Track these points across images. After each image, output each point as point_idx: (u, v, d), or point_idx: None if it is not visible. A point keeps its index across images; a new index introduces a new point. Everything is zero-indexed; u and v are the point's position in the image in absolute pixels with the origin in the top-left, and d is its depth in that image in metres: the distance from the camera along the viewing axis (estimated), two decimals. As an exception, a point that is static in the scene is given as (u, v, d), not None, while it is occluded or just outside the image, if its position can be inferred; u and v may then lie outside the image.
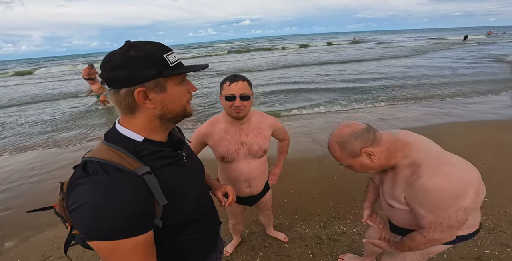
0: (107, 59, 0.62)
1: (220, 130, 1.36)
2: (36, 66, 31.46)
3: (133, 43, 0.63)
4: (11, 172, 3.91)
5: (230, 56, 24.75)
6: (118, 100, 0.64)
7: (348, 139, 0.94)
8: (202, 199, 0.87)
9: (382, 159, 0.96)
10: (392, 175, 1.03)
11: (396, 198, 1.02)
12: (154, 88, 0.64)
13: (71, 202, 0.57)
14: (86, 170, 0.59)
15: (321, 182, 3.00)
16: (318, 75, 10.68)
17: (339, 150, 0.97)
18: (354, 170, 1.05)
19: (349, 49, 24.23)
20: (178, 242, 0.79)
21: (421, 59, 14.19)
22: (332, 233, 2.23)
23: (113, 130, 0.69)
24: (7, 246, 2.37)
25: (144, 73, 0.61)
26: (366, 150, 0.93)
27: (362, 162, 0.97)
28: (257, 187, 1.54)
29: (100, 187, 0.56)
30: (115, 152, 0.63)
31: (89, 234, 0.56)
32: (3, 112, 8.25)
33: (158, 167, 0.68)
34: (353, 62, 14.65)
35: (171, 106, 0.69)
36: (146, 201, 0.61)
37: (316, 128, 4.80)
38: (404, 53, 17.47)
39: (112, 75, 0.61)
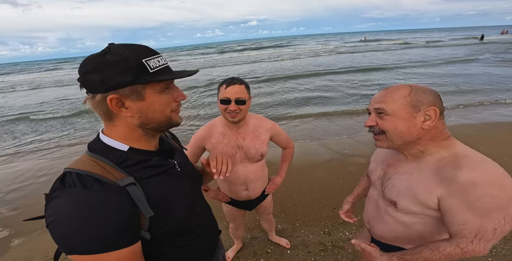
0: (83, 62, 0.59)
1: (218, 133, 1.34)
2: (57, 67, 32.79)
3: (114, 46, 0.59)
4: (21, 172, 4.00)
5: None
6: (94, 105, 0.61)
7: (426, 91, 0.77)
8: (196, 209, 0.83)
9: (430, 133, 0.78)
10: (416, 165, 0.82)
11: (417, 197, 0.79)
12: (130, 95, 0.59)
13: (47, 215, 0.55)
14: (63, 182, 0.57)
15: (327, 186, 2.92)
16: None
17: (405, 93, 0.77)
18: (380, 130, 0.83)
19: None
20: (170, 254, 0.75)
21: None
22: (336, 240, 2.15)
23: (97, 139, 0.66)
24: (13, 246, 2.40)
25: (118, 79, 0.57)
26: (434, 109, 0.75)
27: (412, 120, 0.77)
28: (254, 191, 1.51)
29: (75, 201, 0.54)
30: (97, 163, 0.60)
31: (67, 249, 0.54)
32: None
33: (144, 177, 0.64)
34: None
35: (151, 115, 0.64)
36: (129, 213, 0.58)
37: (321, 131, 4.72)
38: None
39: (85, 79, 0.58)
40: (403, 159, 0.87)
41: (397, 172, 0.87)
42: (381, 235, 0.97)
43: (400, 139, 0.79)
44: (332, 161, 3.50)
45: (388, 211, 0.90)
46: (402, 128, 0.78)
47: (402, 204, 0.83)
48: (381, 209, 0.94)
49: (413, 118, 0.76)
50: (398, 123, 0.78)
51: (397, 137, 0.80)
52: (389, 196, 0.88)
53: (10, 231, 2.62)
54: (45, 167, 4.11)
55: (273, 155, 2.91)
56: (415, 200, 0.79)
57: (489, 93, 6.57)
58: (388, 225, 0.92)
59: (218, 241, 1.00)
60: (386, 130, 0.80)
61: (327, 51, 23.64)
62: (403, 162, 0.86)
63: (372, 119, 0.83)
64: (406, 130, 0.78)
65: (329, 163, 3.45)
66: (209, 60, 24.39)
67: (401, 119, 0.77)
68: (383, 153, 1.02)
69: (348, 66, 12.92)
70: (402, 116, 0.77)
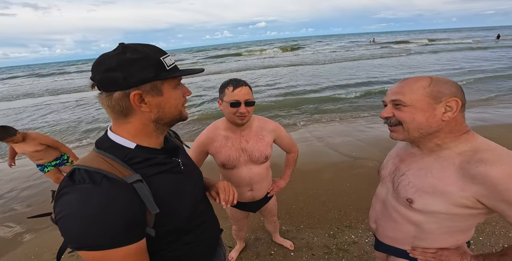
0: (100, 61, 0.59)
1: (221, 137, 1.33)
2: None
3: (128, 45, 0.61)
4: (36, 170, 4.14)
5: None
6: (112, 104, 0.61)
7: (448, 82, 0.74)
8: (199, 207, 0.84)
9: (449, 125, 0.75)
10: (434, 160, 0.77)
11: (446, 196, 0.73)
12: (150, 91, 0.62)
13: (57, 211, 0.56)
14: (72, 179, 0.57)
15: (333, 189, 2.87)
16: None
17: (425, 84, 0.75)
18: (396, 121, 0.80)
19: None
20: (173, 251, 0.76)
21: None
22: (341, 243, 2.11)
23: (105, 137, 0.67)
24: (24, 241, 2.48)
25: (140, 75, 0.59)
26: (456, 100, 0.72)
27: (431, 111, 0.74)
28: (259, 191, 1.50)
29: (85, 197, 0.54)
30: (105, 160, 0.61)
31: (76, 244, 0.55)
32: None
33: (151, 175, 0.66)
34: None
35: (167, 110, 0.67)
36: (136, 210, 0.59)
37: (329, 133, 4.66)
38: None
39: (106, 77, 0.58)
40: (417, 154, 0.82)
41: (412, 168, 0.82)
42: (386, 234, 0.92)
43: (418, 130, 0.76)
44: (339, 163, 3.44)
45: (398, 210, 0.85)
46: (420, 119, 0.75)
47: (420, 202, 0.78)
48: (390, 207, 0.89)
49: (432, 109, 0.73)
50: (416, 114, 0.75)
51: (414, 128, 0.77)
52: (403, 193, 0.82)
53: (22, 227, 2.71)
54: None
55: (277, 155, 2.89)
56: (442, 198, 0.74)
57: None
58: (398, 225, 0.87)
59: (220, 239, 1.01)
60: (403, 121, 0.77)
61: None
62: (417, 157, 0.82)
63: (389, 110, 0.80)
64: (425, 121, 0.75)
65: (336, 165, 3.40)
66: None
67: (420, 110, 0.74)
68: (396, 148, 0.99)
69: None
70: (421, 107, 0.74)
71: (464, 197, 0.70)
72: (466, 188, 0.69)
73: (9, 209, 3.09)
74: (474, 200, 0.69)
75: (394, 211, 0.87)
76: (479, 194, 0.68)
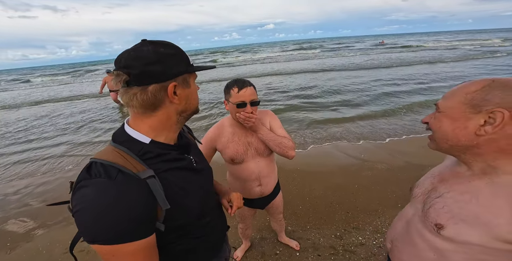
0: (137, 55, 0.61)
1: (228, 133, 1.37)
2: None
3: (153, 41, 0.65)
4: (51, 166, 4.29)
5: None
6: (146, 96, 0.63)
7: (494, 87, 0.58)
8: (209, 204, 0.86)
9: (497, 143, 0.59)
10: (485, 185, 0.63)
11: (490, 228, 0.60)
12: (181, 83, 0.67)
13: (73, 204, 0.57)
14: (89, 172, 0.59)
15: (341, 190, 2.84)
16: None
17: (472, 89, 0.62)
18: (430, 129, 0.72)
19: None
20: (181, 246, 0.77)
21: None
22: (348, 244, 2.08)
23: (121, 130, 0.69)
24: (37, 236, 2.56)
25: (176, 68, 0.65)
26: (502, 111, 0.56)
27: (463, 121, 0.62)
28: (267, 186, 1.51)
29: (101, 191, 0.56)
30: (120, 154, 0.63)
31: (90, 238, 0.56)
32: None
33: (163, 171, 0.67)
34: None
35: (192, 101, 0.73)
36: (148, 206, 0.60)
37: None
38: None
39: (146, 71, 0.61)
40: (465, 175, 0.69)
41: (453, 190, 0.69)
42: (401, 258, 0.81)
43: (445, 142, 0.67)
44: (347, 165, 3.40)
45: (422, 234, 0.74)
46: (446, 129, 0.66)
47: (452, 230, 0.66)
48: (413, 229, 0.78)
49: (465, 119, 0.62)
50: (444, 122, 0.66)
51: (440, 138, 0.69)
52: (433, 217, 0.70)
53: (36, 222, 2.80)
54: (72, 162, 4.37)
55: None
56: (483, 230, 0.61)
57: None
58: (417, 250, 0.75)
59: (226, 236, 1.02)
60: (431, 128, 0.71)
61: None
62: (464, 178, 0.68)
63: (429, 116, 0.73)
64: (451, 132, 0.65)
65: (344, 167, 3.36)
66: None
67: (449, 118, 0.65)
68: (442, 165, 0.86)
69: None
70: (452, 115, 0.64)
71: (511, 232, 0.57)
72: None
73: (24, 204, 3.20)
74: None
75: (417, 235, 0.76)
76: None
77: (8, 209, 3.12)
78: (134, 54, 0.62)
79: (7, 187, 3.72)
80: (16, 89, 18.30)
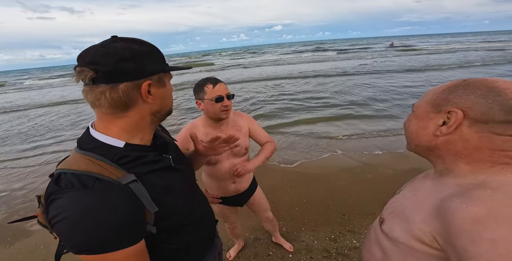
0: (107, 52, 0.57)
1: (201, 133, 1.35)
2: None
3: (125, 38, 0.62)
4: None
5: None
6: (117, 95, 0.58)
7: (475, 87, 0.54)
8: (195, 200, 0.85)
9: (454, 145, 0.56)
10: (432, 185, 0.62)
11: (407, 223, 0.59)
12: (157, 83, 0.64)
13: (51, 216, 0.54)
14: (59, 184, 0.55)
15: (338, 192, 2.81)
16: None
17: (440, 89, 0.60)
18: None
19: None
20: (174, 245, 0.77)
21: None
22: (342, 247, 2.05)
23: (87, 136, 0.64)
24: (35, 231, 2.62)
25: (152, 67, 0.62)
26: (454, 111, 0.54)
27: (426, 121, 0.60)
28: (242, 183, 1.52)
29: (77, 201, 0.52)
30: (92, 161, 0.58)
31: (75, 248, 0.54)
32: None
33: (144, 173, 0.64)
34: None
35: (167, 101, 0.70)
36: (134, 211, 0.58)
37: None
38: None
39: (118, 67, 0.57)
40: (429, 175, 0.68)
41: (408, 188, 0.70)
42: (364, 256, 0.78)
43: (411, 142, 0.65)
44: (348, 167, 3.36)
45: (376, 228, 0.74)
46: (411, 128, 0.64)
47: (387, 224, 0.66)
48: (374, 226, 0.78)
49: (428, 119, 0.60)
50: (411, 122, 0.65)
51: (407, 138, 0.67)
52: (383, 211, 0.72)
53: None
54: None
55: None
56: (403, 225, 0.60)
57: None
58: (370, 244, 0.74)
59: (215, 230, 1.02)
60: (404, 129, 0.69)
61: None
62: (427, 178, 0.67)
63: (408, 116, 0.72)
64: (414, 132, 0.63)
65: (344, 169, 3.32)
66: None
67: (416, 118, 0.63)
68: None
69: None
70: (418, 115, 0.63)
71: (422, 230, 0.55)
72: (427, 220, 0.55)
73: (29, 199, 3.29)
74: (431, 237, 0.54)
75: (373, 230, 0.76)
76: (435, 231, 0.53)
77: (13, 204, 3.22)
78: (104, 50, 0.57)
79: (13, 183, 3.84)
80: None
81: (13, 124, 7.98)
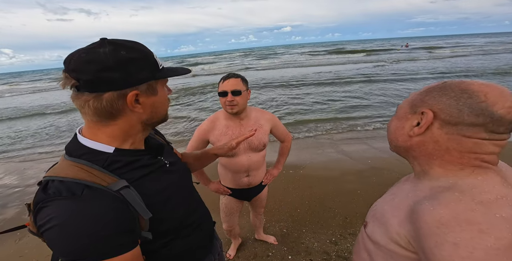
0: (88, 59, 0.53)
1: (221, 126, 1.40)
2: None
3: (115, 41, 0.57)
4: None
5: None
6: (101, 105, 0.56)
7: (450, 89, 0.53)
8: (192, 203, 0.84)
9: (426, 147, 0.56)
10: (409, 188, 0.62)
11: (386, 225, 0.59)
12: (146, 91, 0.60)
13: (39, 224, 0.53)
14: (46, 192, 0.53)
15: (342, 195, 2.77)
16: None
17: (423, 89, 0.60)
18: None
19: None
20: (172, 249, 0.75)
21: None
22: (342, 250, 2.03)
23: (75, 142, 0.61)
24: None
25: (139, 75, 0.58)
26: (425, 111, 0.54)
27: (403, 122, 0.60)
28: (255, 177, 1.55)
29: (66, 210, 0.51)
30: (81, 168, 0.56)
31: (67, 257, 0.52)
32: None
33: (137, 179, 0.62)
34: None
35: (159, 109, 0.66)
36: (125, 218, 0.56)
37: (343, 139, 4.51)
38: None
39: (101, 77, 0.54)
40: (410, 178, 0.68)
41: (390, 191, 0.71)
42: (354, 259, 0.79)
43: (391, 142, 0.66)
44: (353, 170, 3.31)
45: (362, 232, 0.75)
46: (391, 129, 0.65)
47: (370, 227, 0.66)
48: (361, 229, 0.78)
49: (405, 119, 0.60)
50: (392, 122, 0.65)
51: (388, 139, 0.67)
52: (367, 215, 0.73)
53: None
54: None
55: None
56: (383, 229, 0.60)
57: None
58: (359, 247, 0.74)
59: (214, 231, 1.01)
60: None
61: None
62: (407, 181, 0.67)
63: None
64: (393, 132, 0.64)
65: (349, 172, 3.28)
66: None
67: (396, 118, 0.64)
68: None
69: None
70: (398, 115, 0.63)
71: (398, 234, 0.55)
72: (403, 224, 0.55)
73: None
74: (406, 241, 0.54)
75: (360, 233, 0.76)
76: (409, 234, 0.53)
77: (26, 200, 3.35)
78: (86, 57, 0.53)
79: (28, 179, 3.99)
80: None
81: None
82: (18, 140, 6.42)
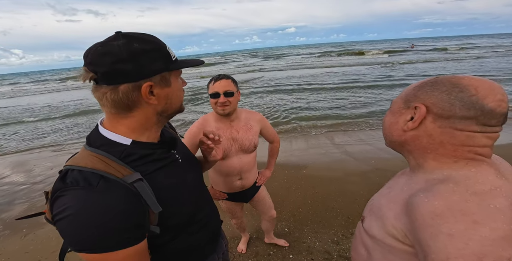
0: (106, 51, 0.55)
1: (212, 128, 1.38)
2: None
3: (129, 34, 0.59)
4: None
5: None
6: (118, 97, 0.57)
7: (442, 84, 0.53)
8: (201, 199, 0.84)
9: (420, 140, 0.57)
10: (405, 181, 0.62)
11: (382, 219, 0.59)
12: (160, 83, 0.61)
13: (54, 213, 0.54)
14: (65, 181, 0.54)
15: (345, 195, 2.76)
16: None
17: (416, 84, 0.60)
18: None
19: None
20: (178, 245, 0.75)
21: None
22: (344, 250, 2.02)
23: (96, 133, 0.63)
24: (48, 224, 2.76)
25: (152, 67, 0.59)
26: (418, 106, 0.55)
27: (397, 117, 0.61)
28: (248, 180, 1.54)
29: (81, 200, 0.52)
30: (100, 159, 0.57)
31: (76, 246, 0.54)
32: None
33: (151, 172, 0.64)
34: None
35: (174, 101, 0.67)
36: (138, 211, 0.57)
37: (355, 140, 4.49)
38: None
39: (116, 69, 0.55)
40: (405, 172, 0.68)
41: (386, 185, 0.71)
42: (352, 255, 0.78)
43: (386, 137, 0.67)
44: (356, 171, 3.30)
45: (359, 227, 0.75)
46: (385, 124, 0.66)
47: (367, 222, 0.67)
48: (358, 224, 0.78)
49: (399, 114, 0.61)
50: (387, 117, 0.66)
51: (383, 134, 0.68)
52: (364, 209, 0.73)
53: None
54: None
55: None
56: (379, 222, 0.60)
57: None
58: (357, 243, 0.74)
59: (221, 230, 1.01)
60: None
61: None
62: (403, 175, 0.68)
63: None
64: (388, 127, 0.65)
65: (353, 172, 3.26)
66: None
67: (391, 113, 0.64)
68: None
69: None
70: (392, 110, 0.64)
71: (395, 227, 0.56)
72: (399, 217, 0.55)
73: (47, 193, 3.48)
74: (403, 234, 0.54)
75: (358, 228, 0.76)
76: (405, 227, 0.53)
77: (33, 197, 3.41)
78: (101, 50, 0.55)
79: (35, 176, 4.07)
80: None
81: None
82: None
